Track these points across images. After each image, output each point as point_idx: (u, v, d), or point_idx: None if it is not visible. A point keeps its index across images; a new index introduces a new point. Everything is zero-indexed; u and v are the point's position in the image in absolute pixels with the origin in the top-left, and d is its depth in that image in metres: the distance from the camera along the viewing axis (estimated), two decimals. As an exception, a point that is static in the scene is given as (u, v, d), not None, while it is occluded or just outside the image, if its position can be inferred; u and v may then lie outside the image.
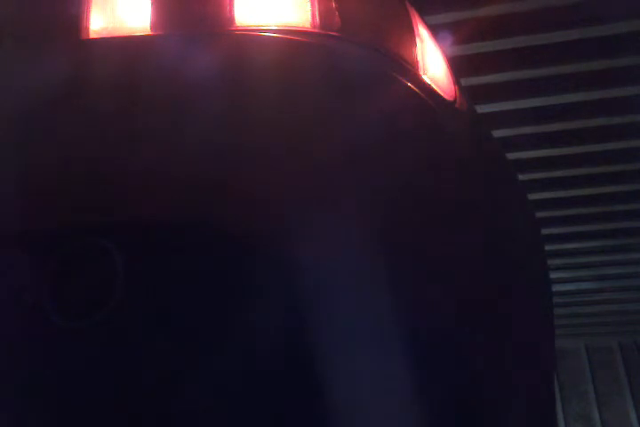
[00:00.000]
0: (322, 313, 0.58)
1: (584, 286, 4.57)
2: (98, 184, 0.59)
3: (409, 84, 0.74)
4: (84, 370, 0.54)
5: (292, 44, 0.70)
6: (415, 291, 0.64)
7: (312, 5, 0.75)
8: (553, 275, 4.03)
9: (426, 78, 0.80)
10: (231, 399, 0.54)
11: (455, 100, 0.84)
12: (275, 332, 0.56)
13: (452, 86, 0.86)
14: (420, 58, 0.80)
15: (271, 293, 0.57)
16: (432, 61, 0.84)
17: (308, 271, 0.58)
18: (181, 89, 0.63)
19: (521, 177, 3.13)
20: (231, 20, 0.72)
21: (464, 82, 2.51)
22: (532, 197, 3.28)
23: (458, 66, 2.43)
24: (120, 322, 0.55)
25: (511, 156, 3.00)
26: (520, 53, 2.54)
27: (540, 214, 3.43)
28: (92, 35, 0.71)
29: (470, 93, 2.60)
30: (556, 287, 4.34)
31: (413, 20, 0.84)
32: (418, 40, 0.82)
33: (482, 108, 2.72)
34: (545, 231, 3.58)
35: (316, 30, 0.74)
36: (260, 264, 0.57)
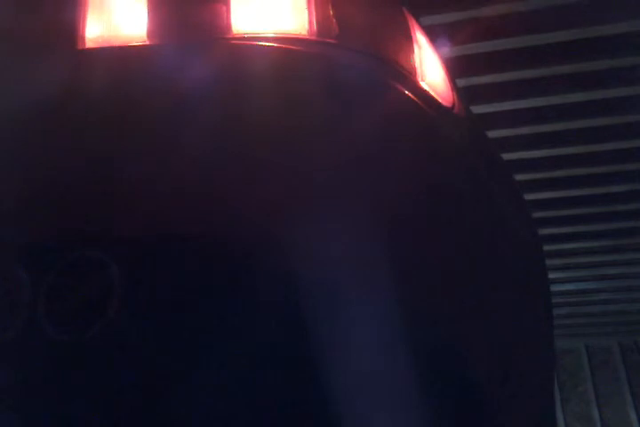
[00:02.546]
0: (324, 323, 0.58)
1: (584, 286, 4.56)
2: (95, 197, 0.59)
3: (407, 92, 0.74)
4: (81, 383, 0.54)
5: (289, 51, 0.70)
6: (415, 294, 0.64)
7: (309, 13, 0.75)
8: (553, 275, 4.03)
9: (424, 85, 0.80)
10: (229, 415, 0.54)
11: (453, 107, 0.84)
12: (275, 347, 0.56)
13: (450, 92, 0.86)
14: (417, 64, 0.80)
15: (272, 305, 0.57)
16: (430, 68, 0.83)
17: (309, 287, 0.58)
18: (178, 98, 0.63)
19: (521, 177, 3.13)
20: (228, 27, 0.71)
21: (464, 82, 2.51)
22: (532, 197, 3.28)
23: (458, 66, 2.43)
24: (117, 335, 0.55)
25: (511, 156, 2.99)
26: (520, 53, 2.54)
27: (540, 214, 3.43)
28: (89, 44, 0.70)
29: (470, 93, 2.60)
30: (556, 287, 4.33)
31: (411, 27, 0.84)
32: (415, 46, 0.82)
33: (482, 109, 2.71)
34: (545, 231, 3.57)
35: (314, 37, 0.74)
36: (261, 277, 0.57)
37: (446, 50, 2.34)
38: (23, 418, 0.55)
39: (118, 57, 0.68)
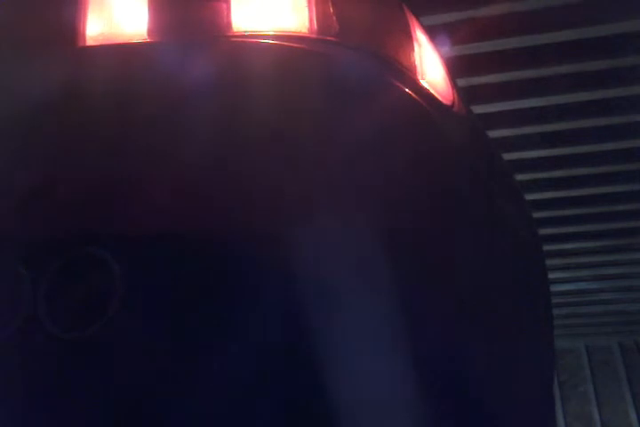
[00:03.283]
0: (325, 323, 0.58)
1: (584, 286, 4.56)
2: (95, 194, 0.59)
3: (407, 90, 0.74)
4: (81, 382, 0.54)
5: (289, 49, 0.70)
6: (415, 292, 0.64)
7: (309, 10, 0.75)
8: (553, 275, 4.03)
9: (424, 83, 0.80)
10: (229, 415, 0.54)
11: (453, 105, 0.84)
12: (275, 347, 0.56)
13: (450, 90, 0.86)
14: (417, 62, 0.80)
15: (273, 305, 0.57)
16: (430, 66, 0.83)
17: (309, 288, 0.58)
18: (179, 96, 0.63)
19: (521, 177, 3.13)
20: (229, 25, 0.71)
21: (464, 82, 2.51)
22: (532, 197, 3.28)
23: (458, 66, 2.42)
24: (117, 333, 0.55)
25: (511, 156, 3.00)
26: (520, 54, 2.54)
27: (540, 214, 3.43)
28: (90, 42, 0.70)
29: (471, 93, 2.60)
30: (556, 287, 4.33)
31: (411, 25, 0.84)
32: (416, 44, 0.82)
33: (482, 109, 2.71)
34: (545, 231, 3.57)
35: (314, 35, 0.74)
36: (261, 277, 0.57)
37: (447, 50, 2.34)
38: (21, 415, 0.55)
39: (119, 55, 0.68)
